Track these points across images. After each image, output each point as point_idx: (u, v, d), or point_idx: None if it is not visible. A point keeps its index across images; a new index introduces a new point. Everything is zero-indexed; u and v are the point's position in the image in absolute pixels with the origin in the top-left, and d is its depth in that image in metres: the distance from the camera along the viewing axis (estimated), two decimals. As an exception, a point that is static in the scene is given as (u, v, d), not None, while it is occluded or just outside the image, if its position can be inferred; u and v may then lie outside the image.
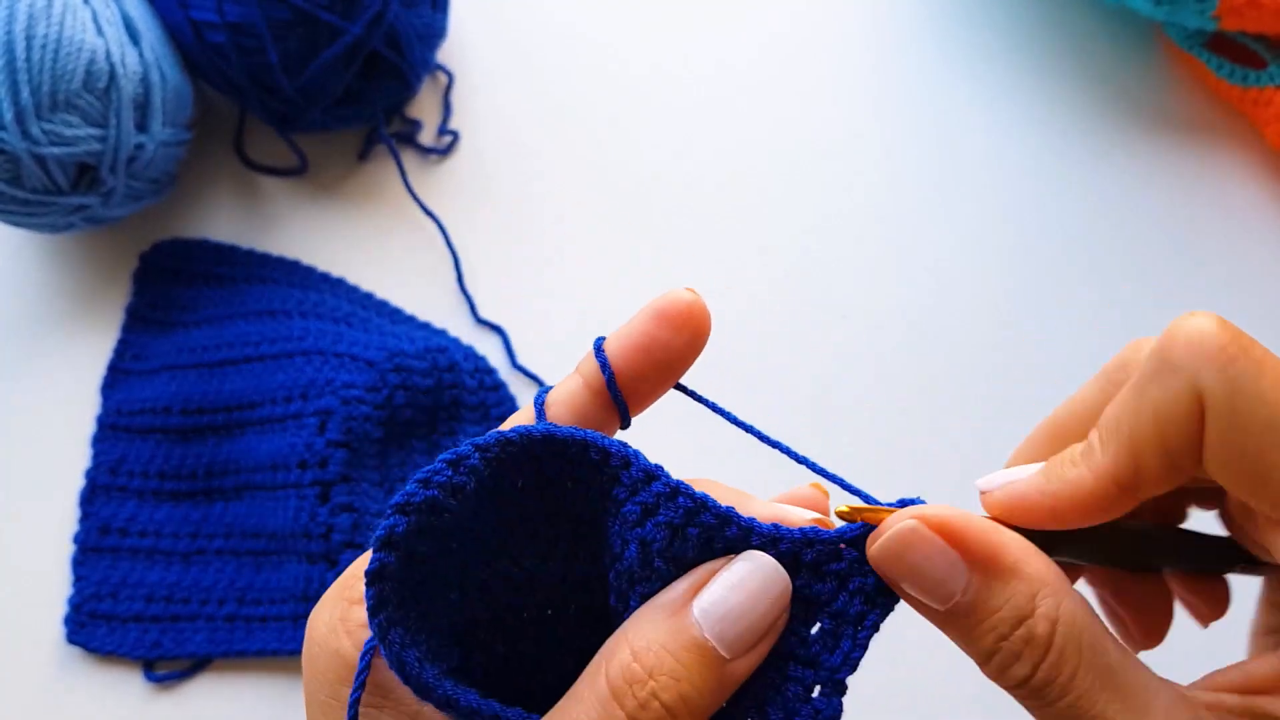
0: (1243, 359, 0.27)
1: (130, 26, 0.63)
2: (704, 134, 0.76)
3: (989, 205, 0.74)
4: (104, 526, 0.64)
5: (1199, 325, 0.27)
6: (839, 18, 0.80)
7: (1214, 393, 0.27)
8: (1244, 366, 0.27)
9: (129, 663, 0.62)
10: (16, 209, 0.62)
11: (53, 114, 0.59)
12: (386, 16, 0.65)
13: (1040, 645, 0.28)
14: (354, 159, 0.74)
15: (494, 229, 0.73)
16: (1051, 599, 0.28)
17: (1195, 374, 0.27)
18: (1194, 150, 0.76)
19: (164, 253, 0.71)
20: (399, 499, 0.29)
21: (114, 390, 0.67)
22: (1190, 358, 0.27)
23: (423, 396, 0.63)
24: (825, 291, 0.72)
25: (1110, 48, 0.79)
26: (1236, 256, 0.73)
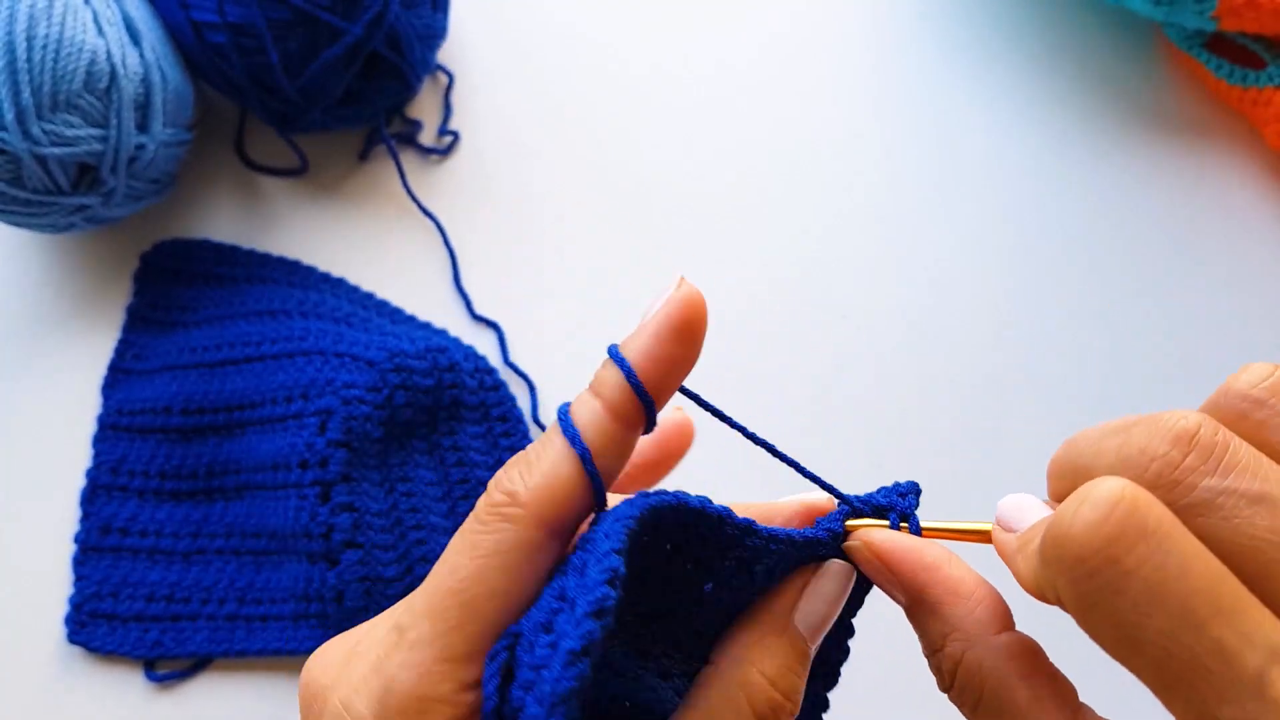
0: (1104, 573, 0.24)
1: (131, 27, 0.63)
2: (704, 134, 0.76)
3: (988, 206, 0.74)
4: (105, 526, 0.64)
5: (1073, 522, 0.24)
6: (838, 18, 0.80)
7: (1069, 603, 0.25)
8: (1100, 584, 0.24)
9: (130, 662, 0.62)
10: (17, 209, 0.62)
11: (53, 114, 0.59)
12: (387, 17, 0.65)
13: (946, 675, 0.31)
14: (354, 159, 0.75)
15: (494, 228, 0.73)
16: (958, 644, 0.30)
17: (1055, 579, 0.25)
18: (1193, 151, 0.76)
19: (165, 253, 0.71)
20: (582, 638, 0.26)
21: (115, 390, 0.68)
22: (1051, 562, 0.25)
23: (423, 396, 0.63)
24: (825, 291, 0.72)
25: (1109, 48, 0.79)
26: (1236, 257, 0.73)
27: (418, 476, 0.63)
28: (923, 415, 0.68)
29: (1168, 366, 0.70)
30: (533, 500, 0.29)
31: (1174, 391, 0.69)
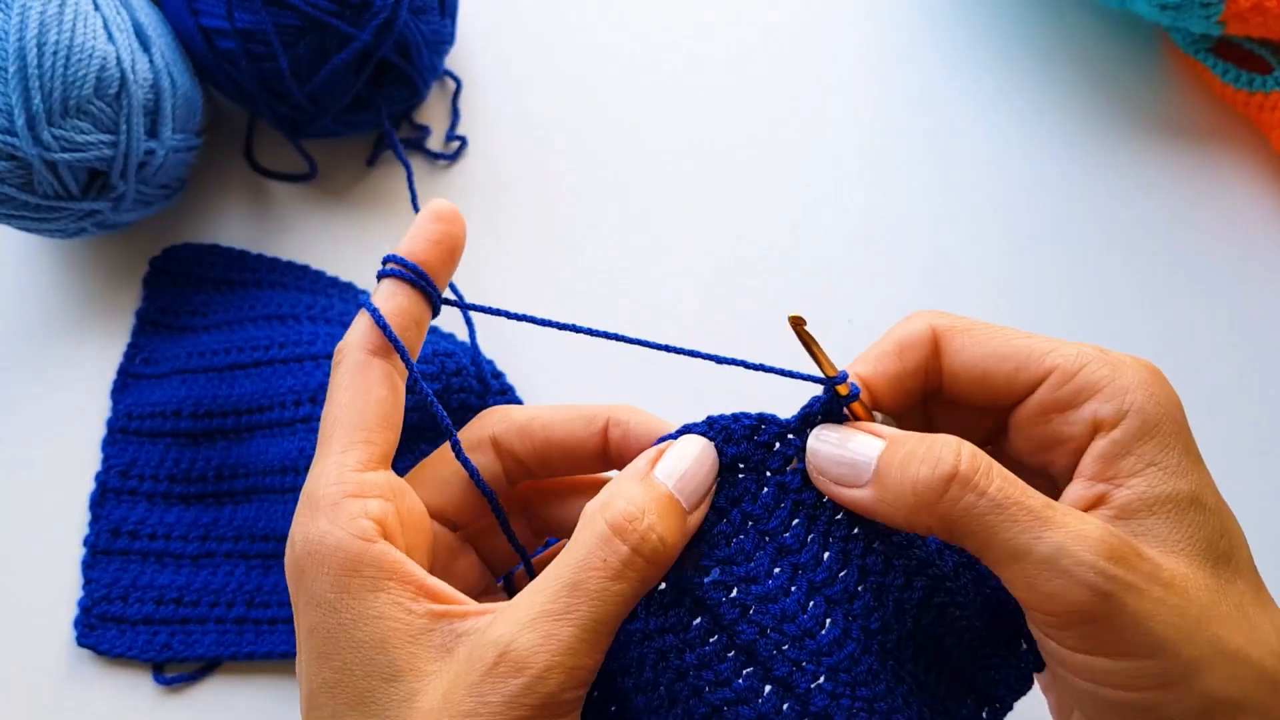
0: (957, 315, 0.42)
1: (141, 33, 0.63)
2: (713, 140, 0.76)
3: (992, 209, 0.74)
4: (114, 529, 0.64)
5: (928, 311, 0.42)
6: (842, 26, 0.81)
7: (942, 324, 0.41)
8: (960, 316, 0.42)
9: (138, 665, 0.62)
10: (28, 214, 0.62)
11: (64, 120, 0.59)
12: (396, 24, 0.66)
13: (953, 446, 0.36)
14: (363, 165, 0.75)
15: (502, 233, 0.73)
16: (942, 436, 0.37)
17: (929, 316, 0.42)
18: (1199, 155, 0.76)
19: (174, 258, 0.71)
20: None
21: (124, 394, 0.68)
22: (926, 313, 0.42)
23: (430, 401, 0.63)
24: (830, 296, 0.72)
25: (1114, 52, 0.79)
26: (1241, 261, 0.73)
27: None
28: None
29: (1173, 370, 0.70)
30: (351, 343, 0.41)
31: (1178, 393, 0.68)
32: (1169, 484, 0.36)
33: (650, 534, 0.36)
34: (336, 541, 0.36)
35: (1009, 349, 0.40)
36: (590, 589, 0.35)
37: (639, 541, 0.36)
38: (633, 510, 0.36)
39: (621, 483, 0.38)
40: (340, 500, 0.37)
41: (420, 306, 0.43)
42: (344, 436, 0.39)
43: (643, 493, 0.37)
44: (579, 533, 0.37)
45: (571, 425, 0.44)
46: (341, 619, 0.36)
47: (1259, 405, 0.70)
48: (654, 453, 0.39)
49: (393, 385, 0.41)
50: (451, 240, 0.44)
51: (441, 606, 0.36)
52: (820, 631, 0.39)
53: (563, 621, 0.34)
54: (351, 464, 0.38)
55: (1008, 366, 0.40)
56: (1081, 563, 0.33)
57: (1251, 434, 0.69)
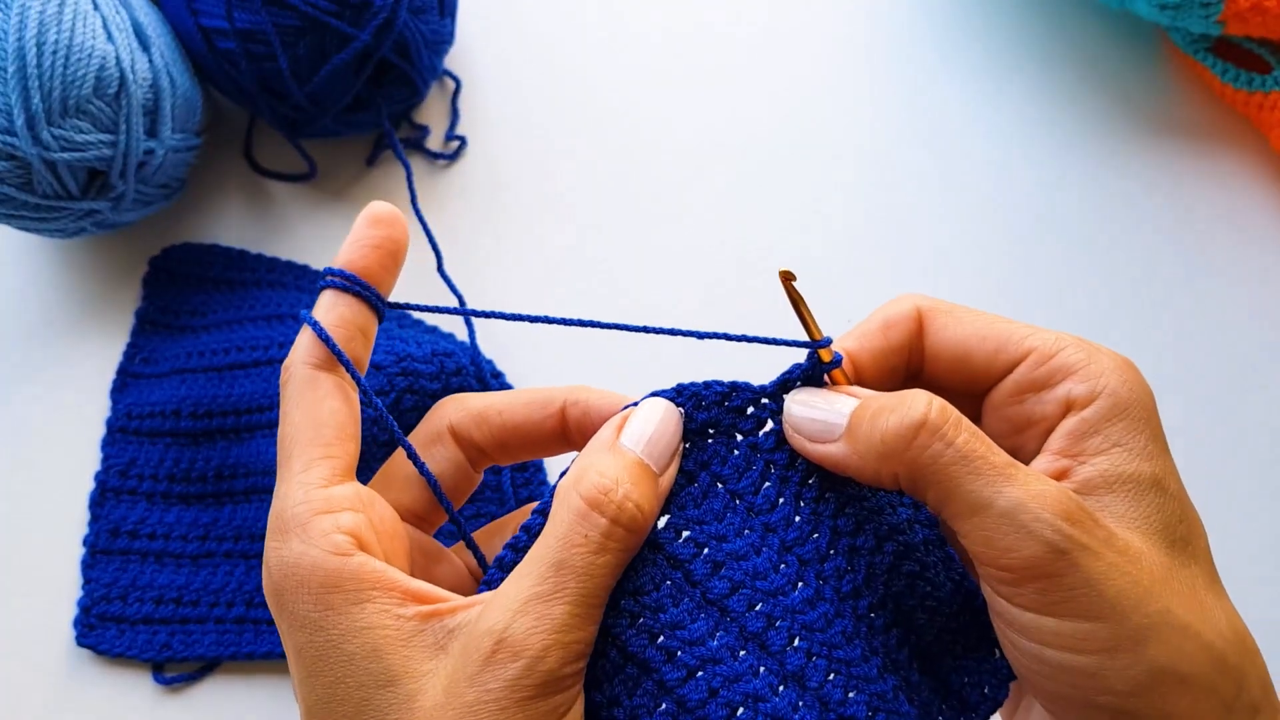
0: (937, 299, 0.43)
1: (140, 33, 0.63)
2: (712, 139, 0.76)
3: (991, 208, 0.74)
4: (114, 529, 0.64)
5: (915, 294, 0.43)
6: (840, 24, 0.81)
7: (927, 305, 0.42)
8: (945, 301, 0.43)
9: (138, 665, 0.62)
10: (28, 214, 0.62)
11: (63, 120, 0.59)
12: (395, 24, 0.66)
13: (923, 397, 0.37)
14: (363, 164, 0.75)
15: (501, 232, 0.73)
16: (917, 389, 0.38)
17: (915, 298, 0.43)
18: (1198, 155, 0.76)
19: (174, 257, 0.71)
20: None
21: (124, 394, 0.68)
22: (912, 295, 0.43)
23: (430, 400, 0.63)
24: (830, 297, 0.72)
25: (1114, 52, 0.79)
26: (1241, 261, 0.73)
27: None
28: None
29: (1172, 369, 0.70)
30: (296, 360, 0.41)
31: (1179, 394, 0.69)
32: (1132, 465, 0.37)
33: (626, 503, 0.37)
34: (313, 561, 0.36)
35: (990, 330, 0.41)
36: (576, 566, 0.35)
37: (616, 512, 0.36)
38: (605, 482, 0.37)
39: (590, 454, 0.39)
40: (309, 519, 0.37)
41: (364, 314, 0.42)
42: (302, 455, 0.39)
43: (613, 462, 0.38)
44: (556, 510, 0.37)
45: (528, 409, 0.44)
46: (329, 636, 0.35)
47: (1256, 403, 0.70)
48: (618, 420, 0.40)
49: (344, 396, 0.41)
50: (391, 244, 0.43)
51: (429, 607, 0.36)
52: (793, 591, 0.39)
53: (553, 601, 0.35)
54: (315, 481, 0.38)
55: (987, 347, 0.41)
56: (1039, 519, 0.34)
57: (1248, 432, 0.69)
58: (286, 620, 0.37)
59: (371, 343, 0.43)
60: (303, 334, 0.41)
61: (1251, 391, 0.70)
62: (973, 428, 0.36)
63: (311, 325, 0.41)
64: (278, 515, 0.38)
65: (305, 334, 0.41)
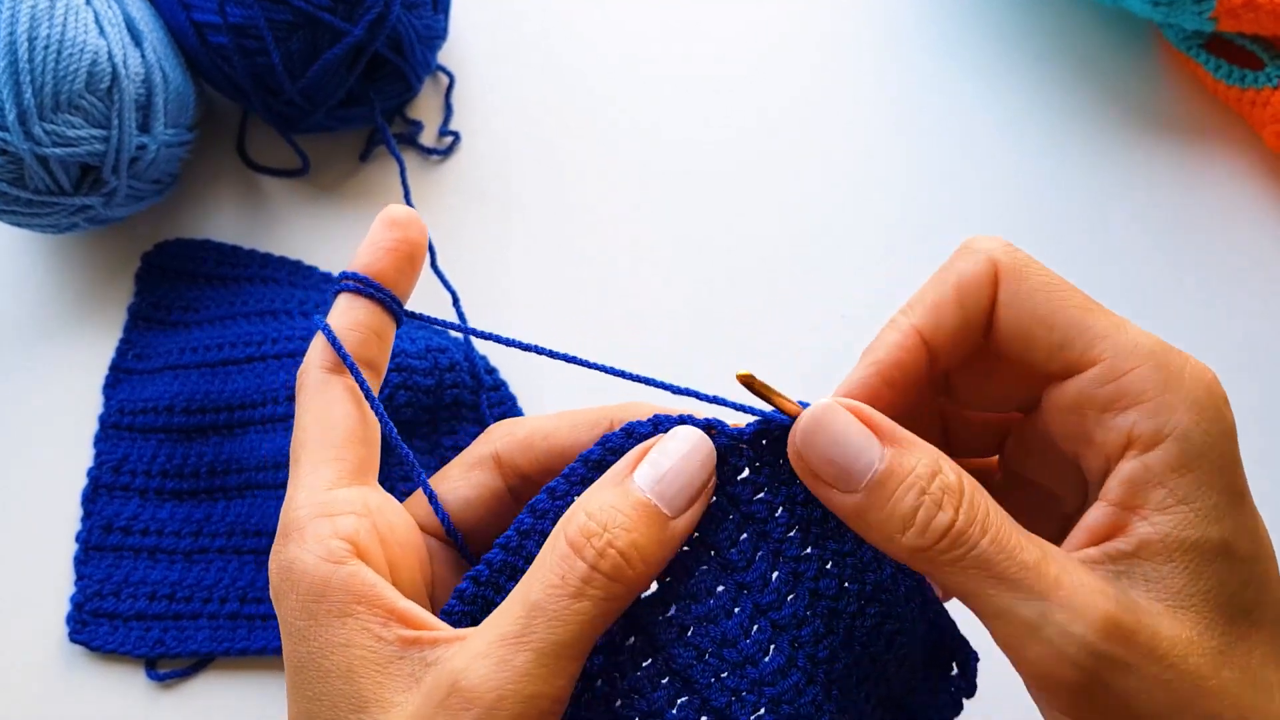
0: (1021, 251, 0.37)
1: (133, 28, 0.63)
2: (706, 134, 0.76)
3: (983, 205, 0.75)
4: (107, 525, 0.64)
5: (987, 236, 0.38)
6: (835, 20, 0.81)
7: (1005, 263, 0.37)
8: (1024, 254, 0.37)
9: (131, 661, 0.62)
10: (20, 209, 0.62)
11: (55, 115, 0.59)
12: (388, 19, 0.66)
13: (956, 490, 0.33)
14: (356, 160, 0.75)
15: (494, 228, 0.73)
16: (949, 461, 0.34)
17: (992, 252, 0.37)
18: (1191, 151, 0.76)
19: (166, 253, 0.71)
20: None
21: (116, 390, 0.68)
22: (984, 243, 0.37)
23: (424, 396, 0.63)
24: (823, 291, 0.72)
25: (1107, 49, 0.80)
26: (1234, 257, 0.73)
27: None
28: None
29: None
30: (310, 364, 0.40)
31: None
32: (1198, 529, 0.32)
33: (609, 549, 0.33)
34: (304, 566, 0.35)
35: (1061, 317, 0.35)
36: (548, 609, 0.33)
37: (596, 558, 0.33)
38: (592, 525, 0.34)
39: (594, 490, 0.36)
40: (307, 522, 0.36)
41: (381, 318, 0.41)
42: (310, 458, 0.38)
43: (613, 500, 0.35)
44: (545, 546, 0.35)
45: (574, 432, 0.42)
46: (311, 647, 0.34)
47: (1252, 401, 0.70)
48: (638, 452, 0.37)
49: (357, 400, 0.40)
50: (409, 246, 0.42)
51: (413, 633, 0.34)
52: (764, 659, 0.36)
53: (518, 646, 0.32)
54: (319, 484, 0.37)
55: (1053, 337, 0.36)
56: (1068, 635, 0.30)
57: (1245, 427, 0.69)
58: (282, 626, 0.36)
59: (389, 347, 0.42)
60: (317, 338, 0.41)
61: (1243, 387, 0.70)
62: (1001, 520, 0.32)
63: (323, 330, 0.40)
64: (282, 517, 0.37)
65: (320, 338, 0.41)
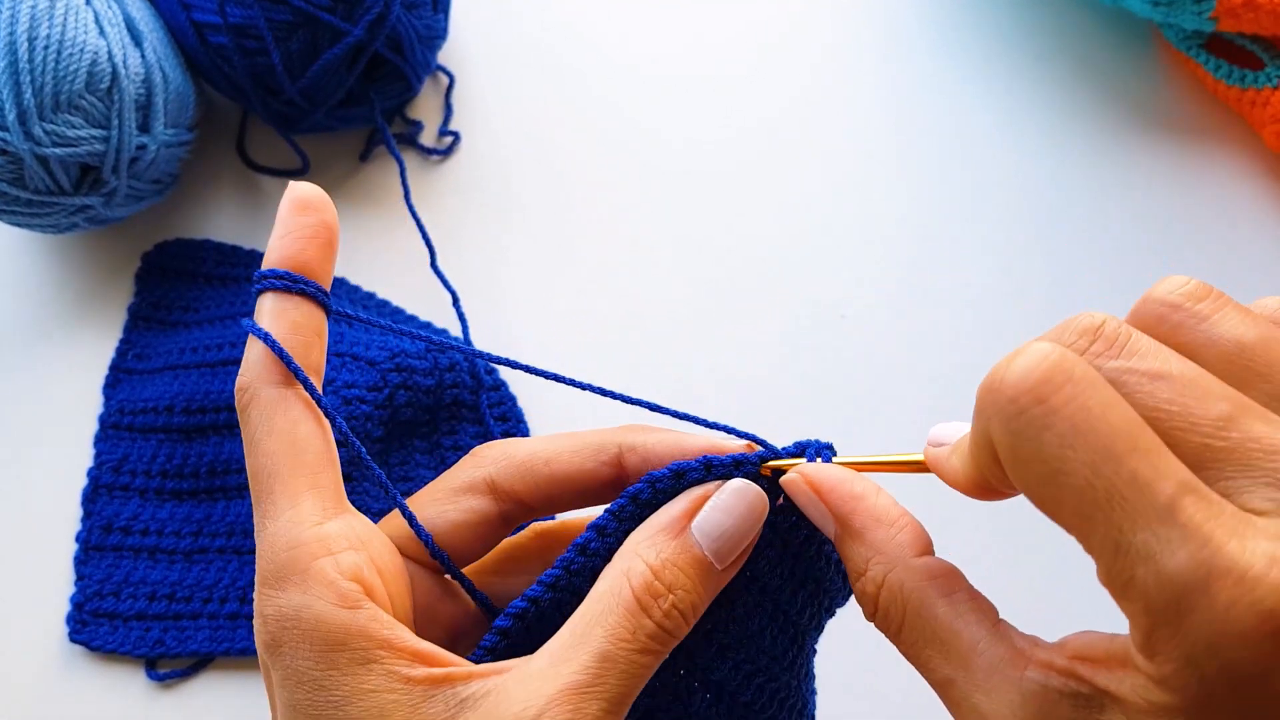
0: (1032, 411, 0.27)
1: (132, 28, 0.63)
2: (706, 134, 0.76)
3: (983, 205, 0.75)
4: (106, 525, 0.64)
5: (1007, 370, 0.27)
6: (835, 19, 0.81)
7: (1000, 444, 0.28)
8: (1029, 420, 0.27)
9: (131, 661, 0.62)
10: (19, 209, 0.62)
11: (55, 115, 0.59)
12: (388, 18, 0.66)
13: (870, 600, 0.33)
14: (355, 160, 0.75)
15: (494, 228, 0.73)
16: (880, 567, 0.33)
17: (987, 422, 0.28)
18: (1191, 151, 0.76)
19: (166, 253, 0.71)
20: None
21: (116, 390, 0.68)
22: (984, 406, 0.28)
23: (424, 396, 0.63)
24: (823, 292, 0.72)
25: (1107, 48, 0.80)
26: (1234, 257, 0.73)
27: (418, 476, 0.63)
28: (918, 417, 0.68)
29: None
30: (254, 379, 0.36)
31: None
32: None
33: (674, 610, 0.34)
34: (317, 615, 0.33)
35: (1055, 518, 0.28)
36: (619, 660, 0.33)
37: (663, 617, 0.33)
38: (659, 586, 0.34)
39: (653, 538, 0.35)
40: (309, 566, 0.33)
41: (315, 316, 0.38)
42: (286, 488, 0.35)
43: (674, 558, 0.34)
44: (607, 593, 0.34)
45: (578, 457, 0.40)
46: (331, 697, 0.33)
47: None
48: (693, 501, 0.36)
49: (316, 416, 0.36)
50: (326, 230, 0.39)
51: (440, 670, 0.33)
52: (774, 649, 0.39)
53: (591, 695, 0.32)
54: (306, 519, 0.34)
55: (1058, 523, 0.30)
56: None
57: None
58: (281, 674, 0.33)
59: (325, 346, 0.39)
60: (252, 346, 0.36)
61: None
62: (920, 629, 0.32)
63: (263, 338, 0.36)
64: (269, 559, 0.34)
65: (255, 347, 0.36)
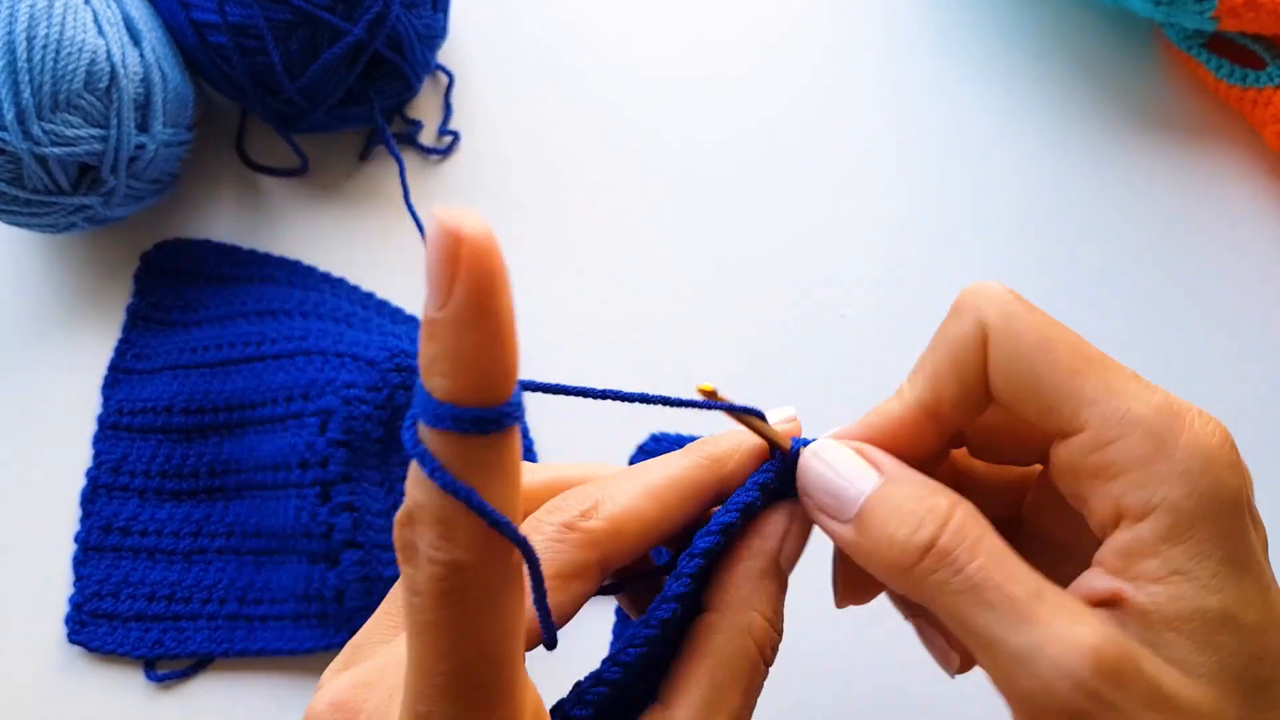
0: (1016, 302, 0.34)
1: (131, 27, 0.63)
2: (706, 134, 0.76)
3: (983, 204, 0.75)
4: (105, 526, 0.64)
5: (983, 284, 0.35)
6: (834, 18, 0.80)
7: (994, 324, 0.34)
8: (1017, 307, 0.34)
9: (130, 662, 0.62)
10: (18, 209, 0.62)
11: (54, 114, 0.59)
12: (388, 18, 0.65)
13: (942, 514, 0.32)
14: (355, 159, 0.75)
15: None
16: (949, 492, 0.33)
17: (980, 311, 0.34)
18: (1192, 150, 0.76)
19: (165, 252, 0.71)
20: None
21: (115, 390, 0.68)
22: (975, 300, 0.34)
23: (423, 396, 0.63)
24: (822, 292, 0.72)
25: (1108, 48, 0.79)
26: (1234, 257, 0.73)
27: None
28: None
29: (1165, 367, 0.70)
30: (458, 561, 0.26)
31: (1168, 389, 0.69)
32: (1196, 598, 0.30)
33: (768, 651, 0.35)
34: None
35: (1047, 381, 0.33)
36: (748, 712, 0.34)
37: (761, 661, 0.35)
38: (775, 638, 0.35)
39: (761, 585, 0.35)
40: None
41: None
42: None
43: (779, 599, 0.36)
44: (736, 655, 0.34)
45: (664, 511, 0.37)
46: None
47: (1253, 402, 0.70)
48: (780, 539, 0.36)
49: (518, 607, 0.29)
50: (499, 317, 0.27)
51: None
52: None
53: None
54: None
55: (1040, 403, 0.33)
56: (1061, 671, 0.28)
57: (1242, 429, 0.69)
58: None
59: None
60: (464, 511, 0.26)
61: (1243, 388, 0.70)
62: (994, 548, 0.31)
63: (523, 549, 0.27)
64: None
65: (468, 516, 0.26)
